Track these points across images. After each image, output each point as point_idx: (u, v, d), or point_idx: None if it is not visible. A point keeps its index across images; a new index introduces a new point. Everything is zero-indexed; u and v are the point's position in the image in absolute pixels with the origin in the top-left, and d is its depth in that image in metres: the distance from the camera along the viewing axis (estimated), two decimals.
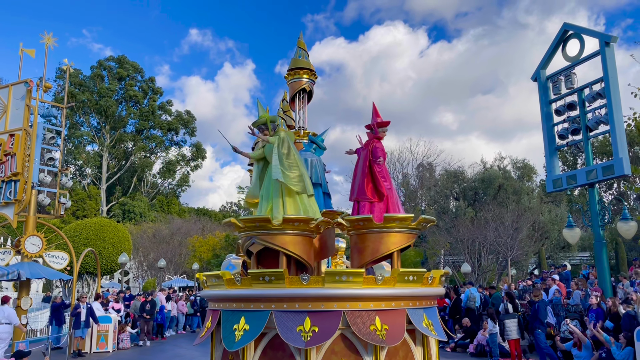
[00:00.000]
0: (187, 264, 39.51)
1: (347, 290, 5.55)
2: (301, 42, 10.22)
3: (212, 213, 61.07)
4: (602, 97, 13.85)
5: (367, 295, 5.62)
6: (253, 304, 5.74)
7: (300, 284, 5.57)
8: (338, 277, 5.55)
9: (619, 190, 38.95)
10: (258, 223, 6.18)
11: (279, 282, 5.60)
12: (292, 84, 9.87)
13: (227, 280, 6.01)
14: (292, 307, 5.56)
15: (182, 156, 61.20)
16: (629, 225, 13.51)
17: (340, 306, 5.52)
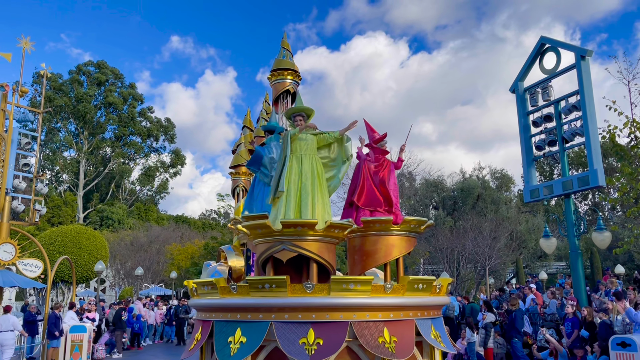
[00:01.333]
0: (165, 272, 39.01)
1: (355, 299, 5.16)
2: (285, 42, 9.94)
3: (191, 221, 60.47)
4: (577, 109, 14.14)
5: (375, 305, 5.25)
6: (251, 314, 5.30)
7: (304, 292, 5.15)
8: (345, 285, 5.15)
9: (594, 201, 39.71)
10: (299, 227, 5.60)
11: (280, 290, 5.17)
12: (275, 85, 9.57)
13: (221, 288, 5.56)
14: (294, 318, 5.14)
15: (162, 163, 60.62)
16: (603, 236, 13.76)
17: (346, 316, 5.13)
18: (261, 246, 5.91)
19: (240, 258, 8.98)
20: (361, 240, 6.24)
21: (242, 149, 11.94)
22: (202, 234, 49.68)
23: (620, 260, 28.62)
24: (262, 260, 5.91)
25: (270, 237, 5.73)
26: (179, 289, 41.82)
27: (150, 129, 58.06)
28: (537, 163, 18.00)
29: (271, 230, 5.63)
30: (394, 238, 6.16)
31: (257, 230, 5.75)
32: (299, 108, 6.90)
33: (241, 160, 11.76)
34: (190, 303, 6.37)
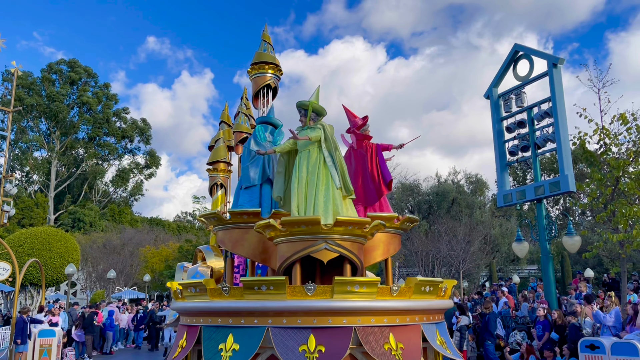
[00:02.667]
0: (138, 276, 38.42)
1: (360, 302, 4.78)
2: (266, 35, 9.45)
3: (165, 223, 59.73)
4: (549, 116, 14.42)
5: (381, 309, 4.87)
6: (244, 318, 4.85)
7: (305, 295, 4.75)
8: (349, 287, 4.76)
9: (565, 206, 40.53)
10: (350, 226, 5.25)
11: (278, 293, 4.77)
12: (255, 79, 9.10)
13: (211, 289, 5.14)
14: (293, 323, 4.73)
15: (136, 164, 59.74)
16: (573, 240, 14.04)
17: (350, 321, 4.74)
18: (291, 245, 5.40)
19: (220, 259, 8.64)
20: None
21: (220, 144, 11.57)
22: (176, 236, 49.13)
23: (589, 264, 29.25)
24: (290, 262, 5.41)
25: (309, 236, 5.26)
26: (152, 292, 41.22)
27: (125, 129, 57.17)
28: (510, 168, 18.29)
29: (312, 228, 5.20)
30: (393, 235, 5.95)
31: (298, 227, 5.24)
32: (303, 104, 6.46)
33: (219, 156, 11.38)
34: (174, 307, 5.94)
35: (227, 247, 6.23)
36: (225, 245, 6.24)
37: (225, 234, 6.19)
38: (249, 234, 6.01)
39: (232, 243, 6.11)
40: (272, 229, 5.41)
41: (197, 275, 7.77)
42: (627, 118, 13.11)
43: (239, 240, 6.07)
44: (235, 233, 6.11)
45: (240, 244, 6.05)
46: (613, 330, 10.13)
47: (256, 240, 6.01)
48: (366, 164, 6.68)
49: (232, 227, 6.16)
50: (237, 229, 6.11)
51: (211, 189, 11.54)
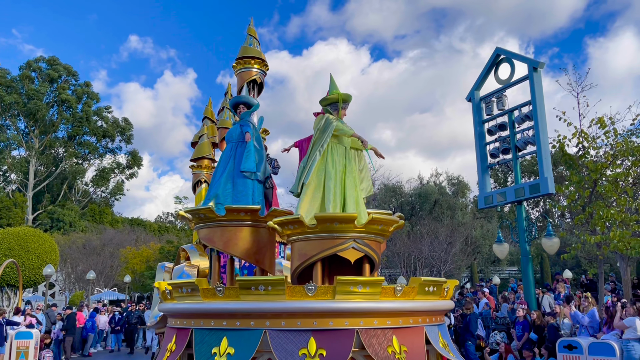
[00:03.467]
0: (118, 277, 37.98)
1: (362, 303, 4.56)
2: (251, 29, 9.19)
3: (147, 224, 59.14)
4: (530, 119, 14.61)
5: (384, 310, 4.67)
6: (240, 320, 4.60)
7: (305, 296, 4.51)
8: (352, 287, 4.52)
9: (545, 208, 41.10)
10: (381, 225, 5.13)
11: (277, 293, 4.52)
12: (241, 74, 8.80)
13: (204, 290, 4.87)
14: (292, 325, 4.50)
15: (117, 164, 59.03)
16: (552, 241, 14.24)
17: (352, 323, 4.52)
18: (316, 243, 5.10)
19: (205, 258, 8.27)
20: None
21: (204, 140, 11.22)
22: (158, 237, 48.68)
23: (568, 265, 29.69)
24: (314, 261, 5.14)
25: (338, 234, 5.03)
26: (133, 293, 40.77)
27: (106, 129, 56.46)
28: (491, 170, 18.48)
29: (345, 226, 4.99)
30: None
31: (331, 224, 5.00)
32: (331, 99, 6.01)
33: (204, 152, 11.01)
34: (162, 308, 5.59)
35: (218, 246, 5.82)
36: (215, 244, 5.80)
37: (215, 232, 5.73)
38: (243, 232, 5.70)
39: (224, 242, 5.67)
40: (297, 226, 5.10)
41: (184, 275, 7.42)
42: (605, 122, 13.37)
43: (231, 239, 5.67)
44: (228, 231, 5.69)
45: (233, 242, 5.66)
46: (590, 330, 10.30)
47: (250, 239, 5.70)
48: None
49: (225, 224, 5.71)
50: (230, 227, 5.70)
51: (195, 186, 11.26)
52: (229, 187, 5.97)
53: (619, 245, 11.77)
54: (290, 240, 5.41)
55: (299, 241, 5.28)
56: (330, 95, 6.07)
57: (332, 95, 6.03)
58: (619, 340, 9.32)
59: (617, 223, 12.15)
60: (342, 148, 5.77)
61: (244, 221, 5.73)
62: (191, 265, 8.23)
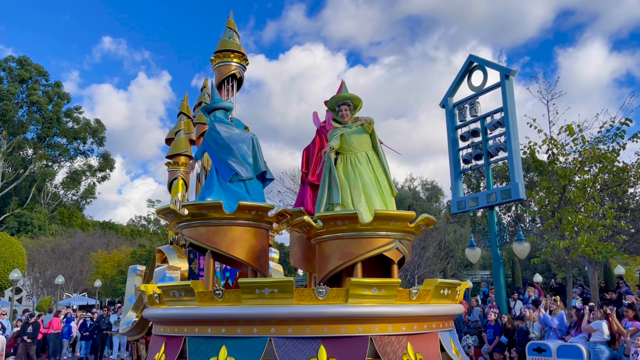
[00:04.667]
0: (88, 281, 37.21)
1: (377, 308, 4.22)
2: (231, 22, 8.97)
3: (119, 227, 58.11)
4: (501, 125, 14.86)
5: (399, 315, 4.35)
6: (241, 327, 4.20)
7: (315, 300, 4.15)
8: (366, 290, 4.17)
9: (517, 213, 41.83)
10: (424, 226, 4.93)
11: (284, 297, 4.12)
12: (219, 68, 8.45)
13: (200, 293, 4.43)
14: (300, 332, 4.14)
15: (89, 166, 57.89)
16: (522, 246, 14.49)
17: (366, 330, 4.18)
18: (358, 243, 4.80)
19: (184, 261, 7.93)
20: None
21: (180, 136, 10.78)
22: (130, 241, 47.90)
23: (538, 269, 30.27)
24: (355, 262, 4.82)
25: (387, 232, 4.79)
26: (103, 298, 39.99)
27: (78, 130, 55.36)
28: (464, 176, 18.71)
29: (397, 225, 4.77)
30: None
31: (387, 222, 4.74)
32: (345, 96, 5.86)
33: (180, 149, 10.60)
34: (148, 314, 5.16)
35: (220, 247, 5.22)
36: (217, 245, 5.20)
37: (217, 232, 5.19)
38: (248, 233, 5.27)
39: (228, 243, 5.15)
40: (349, 222, 4.77)
41: (166, 278, 6.98)
42: (573, 129, 13.67)
43: (237, 241, 5.18)
44: (232, 231, 5.20)
45: (239, 244, 5.18)
46: (559, 333, 10.49)
47: (255, 241, 5.31)
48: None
49: (231, 223, 5.21)
50: (236, 227, 5.22)
51: (170, 184, 10.81)
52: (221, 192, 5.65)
53: (586, 250, 12.03)
54: (326, 238, 4.98)
55: (344, 239, 4.86)
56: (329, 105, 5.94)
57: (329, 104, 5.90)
58: (586, 343, 9.51)
59: (585, 228, 12.42)
60: (353, 155, 5.49)
61: (251, 221, 5.29)
62: (172, 267, 7.81)
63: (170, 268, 7.63)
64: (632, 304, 9.79)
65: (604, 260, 12.34)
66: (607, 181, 13.70)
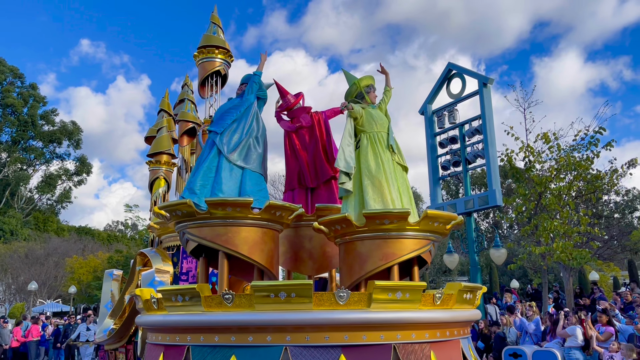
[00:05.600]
0: (63, 287, 36.49)
1: (401, 313, 3.93)
2: (215, 17, 8.61)
3: (95, 232, 57.16)
4: (479, 133, 15.05)
5: (423, 321, 4.07)
6: (253, 335, 3.85)
7: (335, 305, 3.83)
8: (391, 294, 3.87)
9: (494, 219, 42.33)
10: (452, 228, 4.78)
11: (302, 302, 3.79)
12: (203, 64, 8.14)
13: (207, 298, 4.05)
14: (318, 340, 3.79)
15: (65, 170, 56.91)
16: (500, 252, 14.65)
17: (388, 337, 3.88)
18: (403, 244, 4.55)
19: (169, 264, 7.65)
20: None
21: (162, 134, 10.27)
22: (106, 246, 47.14)
23: (515, 275, 30.63)
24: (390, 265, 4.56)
25: (427, 234, 4.59)
26: (78, 304, 39.26)
27: (54, 133, 54.40)
28: (443, 182, 18.87)
29: (439, 226, 4.58)
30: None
31: (433, 223, 4.56)
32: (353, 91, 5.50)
33: (162, 147, 10.10)
34: (143, 321, 4.74)
35: (241, 250, 4.70)
36: (238, 248, 4.68)
37: (238, 233, 4.69)
38: (267, 236, 4.85)
39: (250, 246, 4.69)
40: (397, 221, 4.51)
41: (155, 282, 6.64)
42: (549, 137, 13.93)
43: (258, 244, 4.76)
44: (256, 233, 4.79)
45: (259, 248, 4.76)
46: (535, 338, 10.61)
47: (273, 244, 4.94)
48: (315, 133, 6.10)
49: (253, 224, 4.75)
50: (258, 228, 4.78)
51: (152, 184, 10.12)
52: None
53: (561, 256, 12.24)
54: (365, 237, 4.66)
55: (387, 238, 4.59)
56: (351, 87, 5.60)
57: (352, 87, 5.58)
58: (561, 348, 9.63)
59: (560, 234, 12.63)
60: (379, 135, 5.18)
61: (272, 222, 4.86)
62: (160, 270, 7.51)
63: (159, 271, 7.31)
64: (605, 309, 9.96)
65: (578, 267, 12.56)
66: (582, 188, 13.98)
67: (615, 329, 9.35)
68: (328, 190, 5.91)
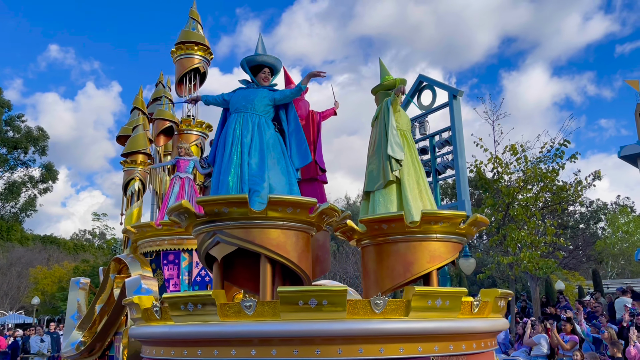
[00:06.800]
0: (26, 298, 35.39)
1: (440, 322, 3.60)
2: (194, 12, 8.25)
3: (61, 241, 55.71)
4: (449, 144, 15.28)
5: (462, 331, 3.75)
6: (277, 348, 3.42)
7: (370, 313, 3.45)
8: (430, 302, 3.54)
9: None
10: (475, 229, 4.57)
11: (334, 310, 3.38)
12: (181, 60, 7.80)
13: (223, 306, 3.57)
14: (351, 354, 3.40)
15: (30, 177, 55.36)
16: (469, 262, 14.84)
17: (426, 349, 3.54)
18: (447, 247, 4.42)
19: (149, 270, 6.99)
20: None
21: (139, 132, 9.61)
22: (72, 255, 46.02)
23: (485, 285, 31.04)
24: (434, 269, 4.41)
25: (459, 237, 4.46)
26: (42, 316, 38.09)
27: (19, 139, 52.93)
28: None
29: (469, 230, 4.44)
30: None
31: (471, 226, 4.41)
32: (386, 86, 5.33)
33: (138, 146, 9.48)
34: (140, 333, 4.25)
35: (291, 257, 4.21)
36: (290, 255, 4.19)
37: (289, 237, 4.20)
38: (307, 241, 4.44)
39: (299, 253, 4.24)
40: (452, 223, 4.34)
41: (142, 289, 6.21)
42: (516, 149, 14.23)
43: (304, 250, 4.33)
44: (303, 238, 4.34)
45: (305, 255, 4.33)
46: (503, 347, 10.74)
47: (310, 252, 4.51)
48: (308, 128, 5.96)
49: (300, 227, 4.28)
50: (302, 232, 4.34)
51: (126, 185, 9.56)
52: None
53: (528, 266, 12.46)
54: (409, 239, 4.44)
55: (434, 240, 4.41)
56: (384, 81, 5.40)
57: (387, 82, 5.37)
58: (527, 357, 9.78)
59: (527, 245, 12.87)
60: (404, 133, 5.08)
61: (313, 225, 4.42)
62: (146, 277, 6.78)
63: (145, 277, 6.95)
64: (570, 318, 10.17)
65: (545, 276, 12.81)
66: (548, 199, 14.30)
67: (579, 338, 9.56)
68: (312, 188, 5.72)
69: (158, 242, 7.16)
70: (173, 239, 7.07)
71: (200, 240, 4.35)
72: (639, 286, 20.44)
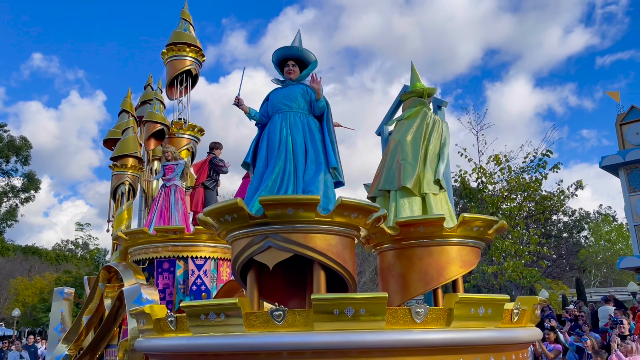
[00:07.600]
0: (6, 310, 34.73)
1: (483, 332, 3.37)
2: (186, 13, 8.10)
3: (42, 252, 54.84)
4: None
5: (504, 341, 3.51)
6: None
7: (410, 323, 3.18)
8: (473, 310, 3.30)
9: None
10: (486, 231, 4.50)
11: (372, 319, 3.10)
12: (172, 62, 7.61)
13: (249, 315, 3.25)
14: None
15: (11, 187, 54.53)
16: None
17: None
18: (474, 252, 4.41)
19: (142, 279, 6.72)
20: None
21: (129, 135, 9.24)
22: (55, 266, 45.33)
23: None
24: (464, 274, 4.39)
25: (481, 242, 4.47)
26: (22, 328, 37.37)
27: (1, 148, 52.21)
28: None
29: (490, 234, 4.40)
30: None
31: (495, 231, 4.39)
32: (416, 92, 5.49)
33: (129, 149, 9.10)
34: (151, 346, 3.84)
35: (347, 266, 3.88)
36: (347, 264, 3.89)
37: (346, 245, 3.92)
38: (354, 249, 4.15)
39: (353, 262, 4.01)
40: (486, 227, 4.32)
41: (142, 298, 5.69)
42: (500, 159, 14.38)
43: (353, 260, 4.06)
44: (353, 246, 4.07)
45: (352, 261, 4.03)
46: None
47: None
48: None
49: (355, 234, 4.07)
50: (351, 239, 4.05)
51: (115, 190, 9.15)
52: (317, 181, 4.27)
53: (513, 275, 12.56)
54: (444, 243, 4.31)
55: (467, 245, 4.31)
56: (414, 87, 5.50)
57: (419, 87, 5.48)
58: None
59: (512, 254, 12.99)
60: None
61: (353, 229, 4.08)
62: (146, 285, 6.50)
63: (144, 286, 6.60)
64: (553, 327, 10.24)
65: (529, 285, 12.92)
66: (532, 209, 14.46)
67: (563, 347, 9.62)
68: None
69: (152, 249, 6.80)
70: (167, 245, 6.70)
71: (244, 245, 3.87)
72: (622, 294, 20.69)
